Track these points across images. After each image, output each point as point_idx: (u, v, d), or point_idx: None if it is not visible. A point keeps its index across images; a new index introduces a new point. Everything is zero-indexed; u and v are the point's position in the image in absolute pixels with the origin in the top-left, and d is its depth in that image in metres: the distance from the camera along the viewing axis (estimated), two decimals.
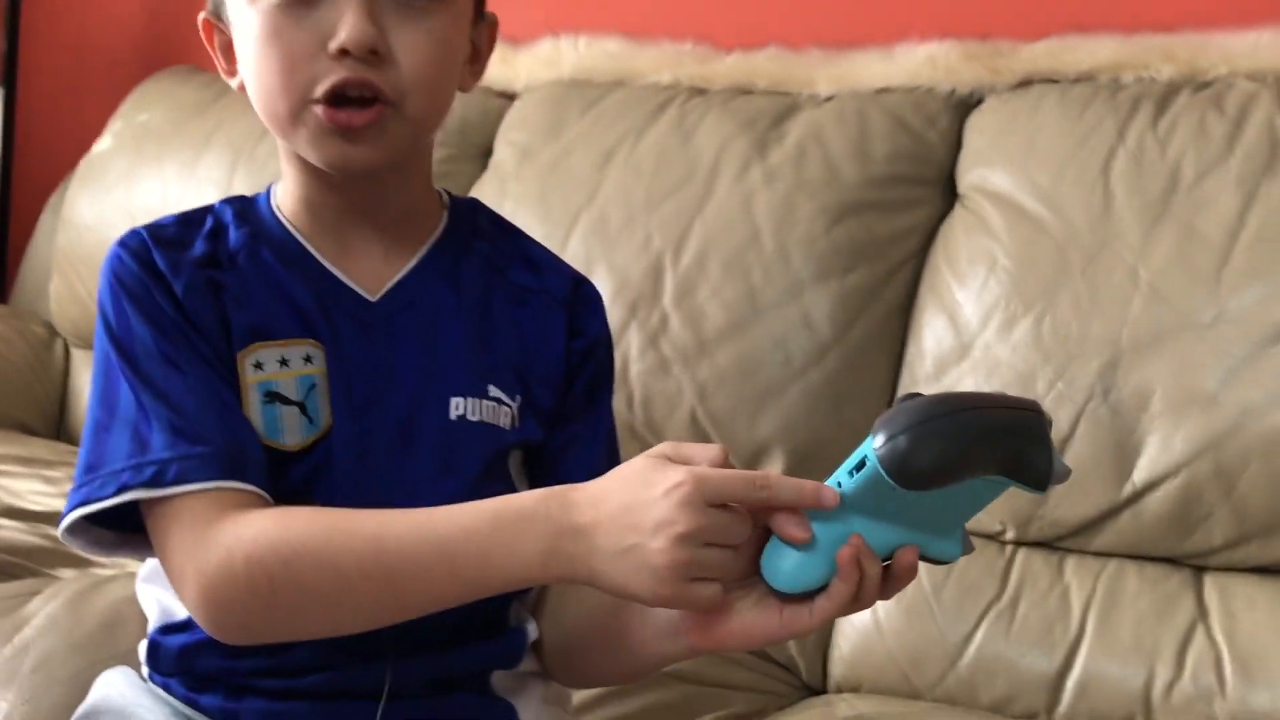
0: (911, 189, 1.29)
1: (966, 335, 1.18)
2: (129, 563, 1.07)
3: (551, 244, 1.37)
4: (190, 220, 0.79)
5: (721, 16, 1.66)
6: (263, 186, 1.70)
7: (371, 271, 0.78)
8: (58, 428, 1.87)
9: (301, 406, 0.74)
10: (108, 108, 2.24)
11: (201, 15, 0.79)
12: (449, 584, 0.65)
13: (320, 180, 0.77)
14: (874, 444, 0.57)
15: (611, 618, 0.73)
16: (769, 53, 1.49)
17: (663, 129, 1.43)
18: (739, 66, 1.50)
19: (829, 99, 1.39)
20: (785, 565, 0.61)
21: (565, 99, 1.54)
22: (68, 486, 1.39)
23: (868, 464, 0.58)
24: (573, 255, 1.38)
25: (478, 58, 0.80)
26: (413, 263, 0.79)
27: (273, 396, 0.74)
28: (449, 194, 0.85)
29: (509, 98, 1.63)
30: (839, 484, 0.60)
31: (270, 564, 0.65)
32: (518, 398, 0.79)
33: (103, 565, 1.20)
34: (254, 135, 1.74)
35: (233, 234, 0.78)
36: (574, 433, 0.82)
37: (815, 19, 1.59)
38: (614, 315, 1.30)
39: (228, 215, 0.79)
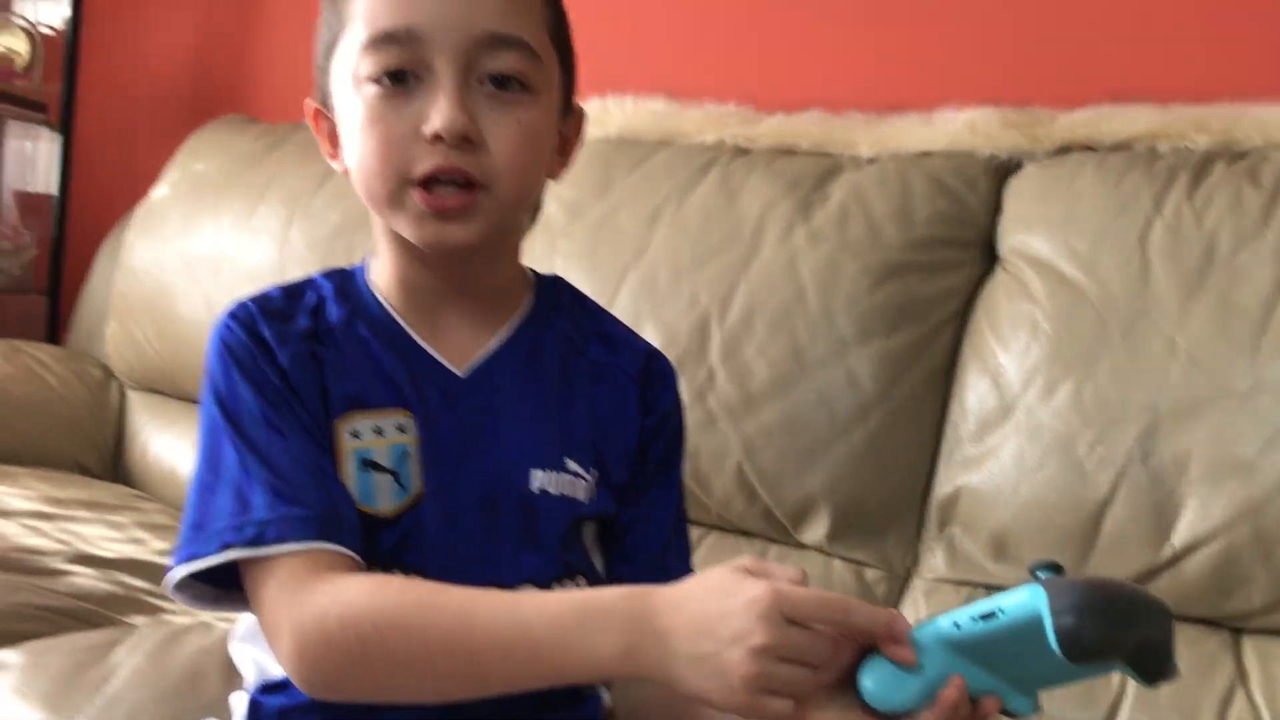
0: (952, 251, 1.33)
1: (1009, 397, 1.21)
2: (203, 613, 1.12)
3: (600, 299, 1.42)
4: (293, 293, 0.84)
5: (764, 79, 1.71)
6: (318, 239, 1.78)
7: (460, 348, 0.82)
8: (114, 468, 1.92)
9: (394, 474, 0.77)
10: (159, 153, 2.30)
11: (310, 103, 0.83)
12: (529, 668, 0.67)
13: (415, 260, 0.80)
14: (1047, 610, 0.60)
15: (684, 708, 0.76)
16: (811, 115, 1.53)
17: (708, 188, 1.47)
18: (781, 127, 1.54)
19: (870, 161, 1.43)
20: (886, 684, 0.64)
21: (613, 157, 1.59)
22: (135, 532, 1.46)
23: (1002, 617, 0.62)
24: (621, 310, 1.41)
25: (566, 148, 0.85)
26: (498, 340, 0.83)
27: (368, 464, 0.77)
28: (534, 271, 0.89)
29: None
30: (956, 624, 0.63)
31: (362, 629, 0.68)
32: (594, 471, 0.82)
33: (174, 613, 1.25)
34: (309, 188, 1.79)
35: (333, 309, 0.81)
36: (645, 506, 0.86)
37: (855, 83, 1.64)
38: None
39: (328, 290, 0.83)
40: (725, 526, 1.38)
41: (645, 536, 0.85)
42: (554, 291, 0.89)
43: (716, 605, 0.62)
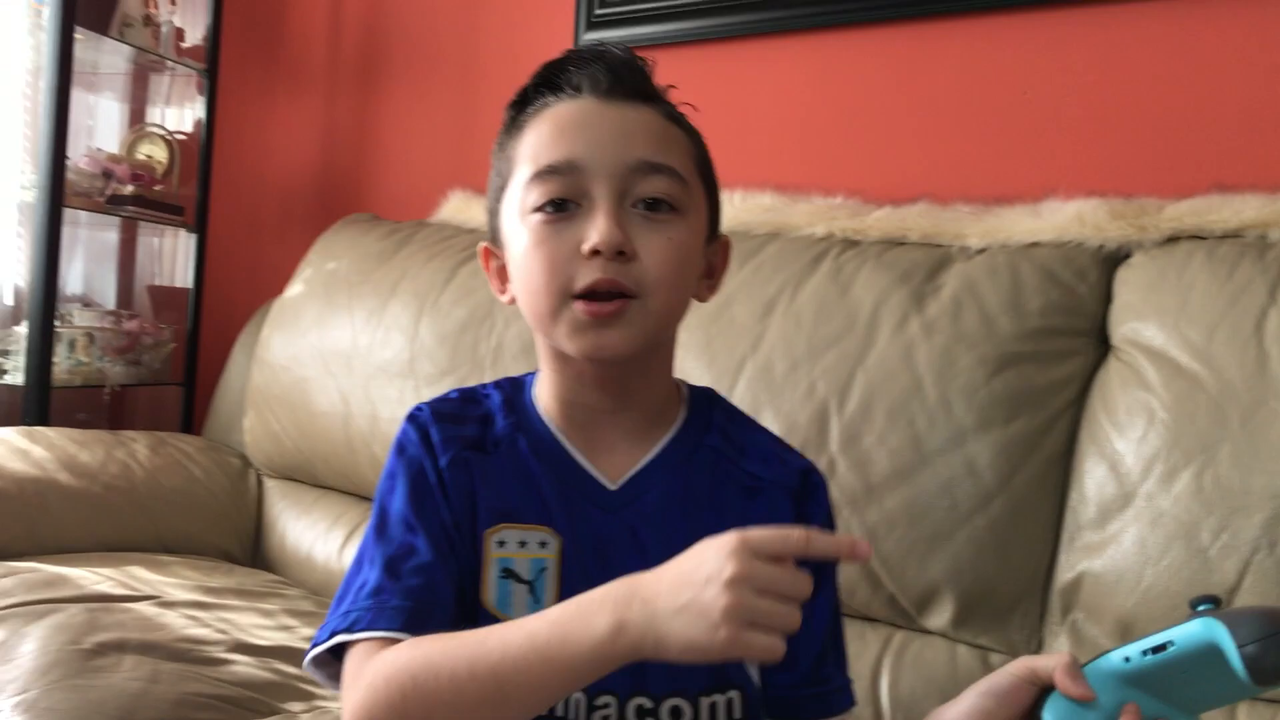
0: (1066, 340, 1.36)
1: (1129, 484, 1.24)
2: None
3: (719, 389, 1.48)
4: (469, 399, 0.92)
5: (870, 172, 1.77)
6: (446, 333, 1.86)
7: (614, 462, 0.88)
8: (254, 555, 2.02)
9: (531, 586, 0.83)
10: (286, 249, 2.44)
11: (481, 244, 0.92)
12: (541, 671, 0.70)
13: (574, 378, 0.87)
14: (1229, 639, 0.69)
15: None
16: (919, 207, 1.58)
17: (820, 280, 1.53)
18: (890, 219, 1.59)
19: (980, 252, 1.47)
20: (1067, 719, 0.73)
21: None
22: (283, 619, 1.54)
23: (1174, 649, 0.71)
24: (740, 401, 1.47)
25: (712, 274, 0.92)
26: (651, 455, 0.88)
27: (508, 573, 0.83)
28: (687, 385, 0.94)
29: None
30: (1126, 659, 0.72)
31: (402, 680, 0.74)
32: None
33: (327, 699, 1.32)
34: (436, 285, 1.89)
35: (499, 420, 0.89)
36: (811, 634, 0.88)
37: (961, 175, 1.69)
38: None
39: (497, 401, 0.91)
40: (849, 613, 1.41)
41: (801, 647, 0.87)
42: (706, 405, 0.94)
43: (691, 560, 0.68)
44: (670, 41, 2.02)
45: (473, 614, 0.84)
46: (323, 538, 1.93)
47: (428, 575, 0.82)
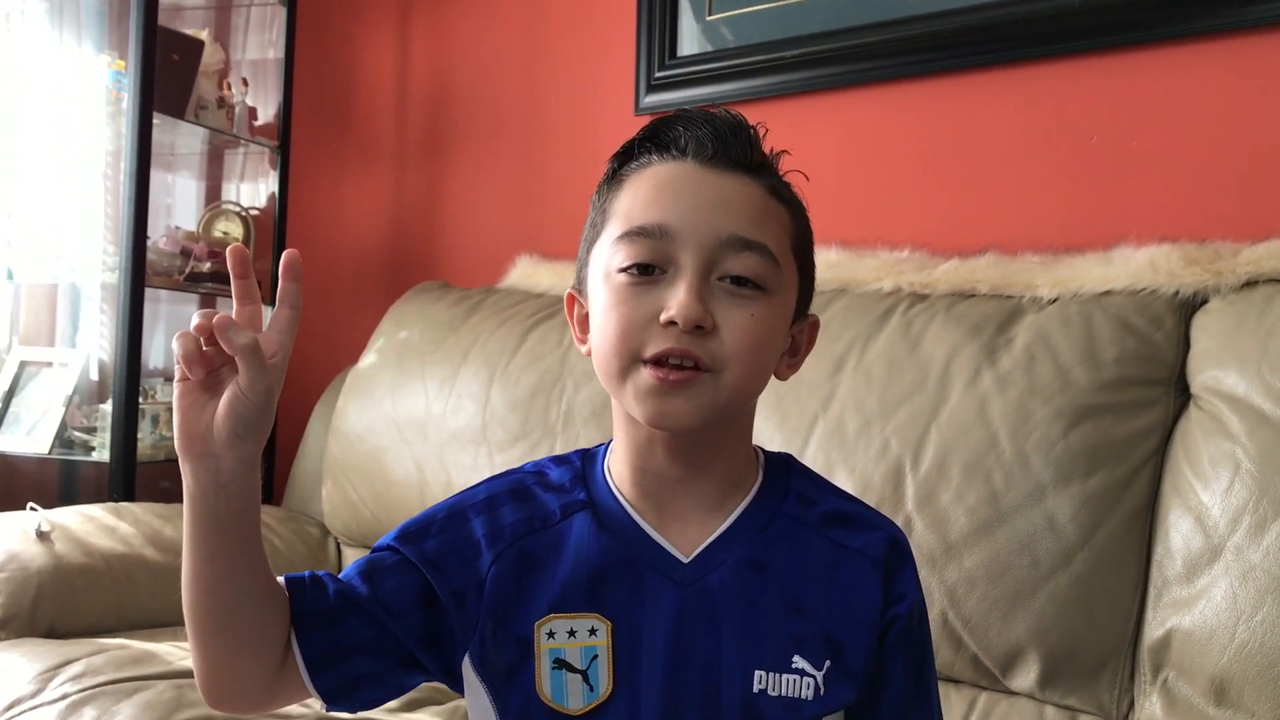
0: (1143, 390, 1.34)
1: (1216, 537, 1.21)
2: None
3: (791, 449, 1.47)
4: (550, 465, 0.91)
5: (936, 225, 1.76)
6: (518, 399, 1.88)
7: (687, 533, 0.84)
8: None
9: (584, 675, 0.81)
10: (359, 319, 2.48)
11: (568, 289, 0.91)
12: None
13: (646, 446, 0.84)
14: None
15: None
16: (987, 259, 1.57)
17: (890, 335, 1.52)
18: (958, 272, 1.58)
19: (1051, 302, 1.46)
20: None
21: None
22: None
23: None
24: (812, 460, 1.47)
25: (795, 352, 0.89)
26: (725, 525, 0.84)
27: (560, 663, 0.81)
28: (763, 452, 0.91)
29: None
30: None
31: None
32: (826, 664, 0.82)
33: None
34: (506, 351, 1.91)
35: (563, 499, 0.87)
36: (881, 688, 0.85)
37: (1029, 225, 1.67)
38: None
39: (568, 475, 0.89)
40: None
41: (886, 712, 0.86)
42: (784, 471, 0.90)
43: None
44: (731, 101, 2.03)
45: (526, 705, 0.82)
46: None
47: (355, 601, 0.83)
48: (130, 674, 1.46)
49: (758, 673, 0.81)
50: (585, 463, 0.90)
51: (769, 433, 1.53)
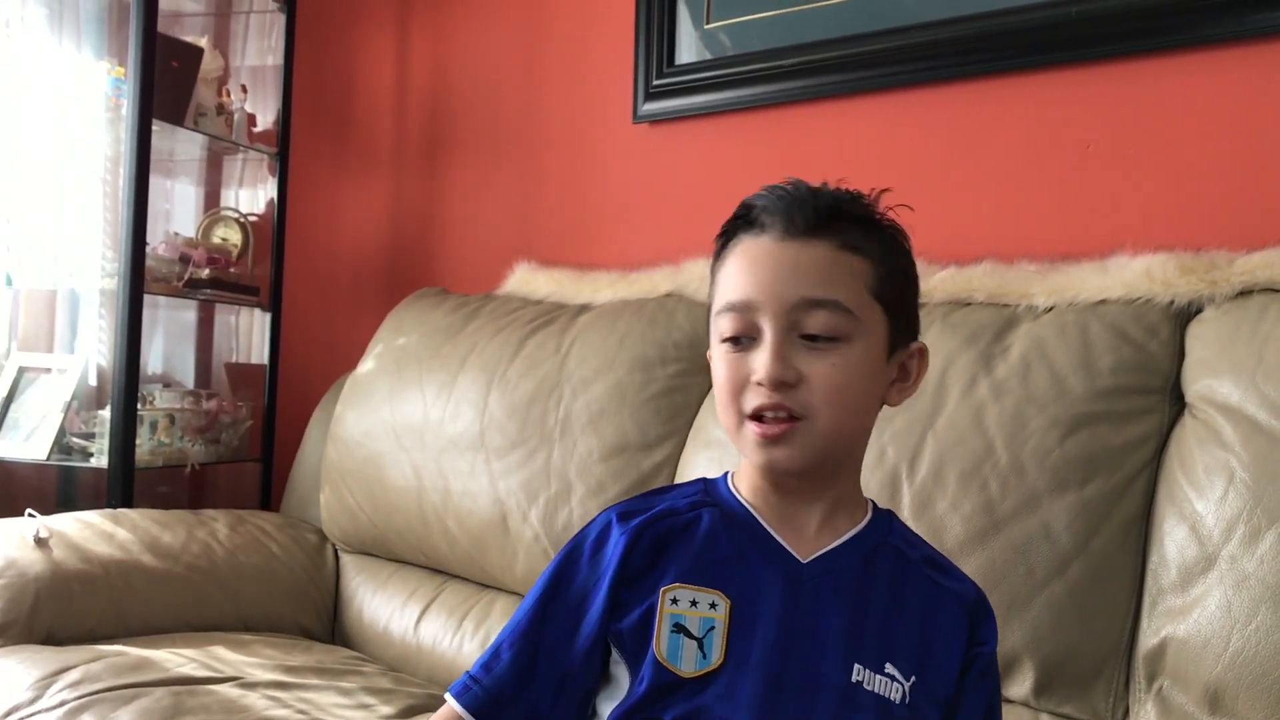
0: (1139, 399, 1.34)
1: (1210, 546, 1.21)
2: None
3: None
4: (655, 492, 1.04)
5: (932, 233, 1.75)
6: (515, 405, 1.88)
7: (803, 542, 0.97)
8: (332, 630, 2.04)
9: (700, 642, 0.91)
10: (356, 324, 2.49)
11: (708, 352, 1.02)
12: None
13: (765, 476, 0.97)
14: None
15: None
16: (983, 267, 1.58)
17: None
18: (954, 280, 1.59)
19: (1048, 310, 1.46)
20: None
21: None
22: (362, 697, 1.55)
23: None
24: None
25: (906, 378, 1.00)
26: (841, 540, 0.97)
27: (679, 628, 0.92)
28: (873, 502, 1.03)
29: None
30: None
31: None
32: (912, 679, 0.92)
33: None
34: (504, 358, 1.91)
35: (689, 501, 1.00)
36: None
37: (1025, 233, 1.68)
38: None
39: (687, 490, 1.02)
40: None
41: None
42: (888, 518, 1.03)
43: None
44: (727, 109, 2.04)
45: (638, 664, 0.93)
46: (399, 612, 1.94)
47: (524, 666, 0.96)
48: (128, 681, 1.47)
49: (856, 666, 0.91)
50: (708, 482, 1.03)
51: None
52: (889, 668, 0.92)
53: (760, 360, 0.92)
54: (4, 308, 2.54)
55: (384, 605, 1.98)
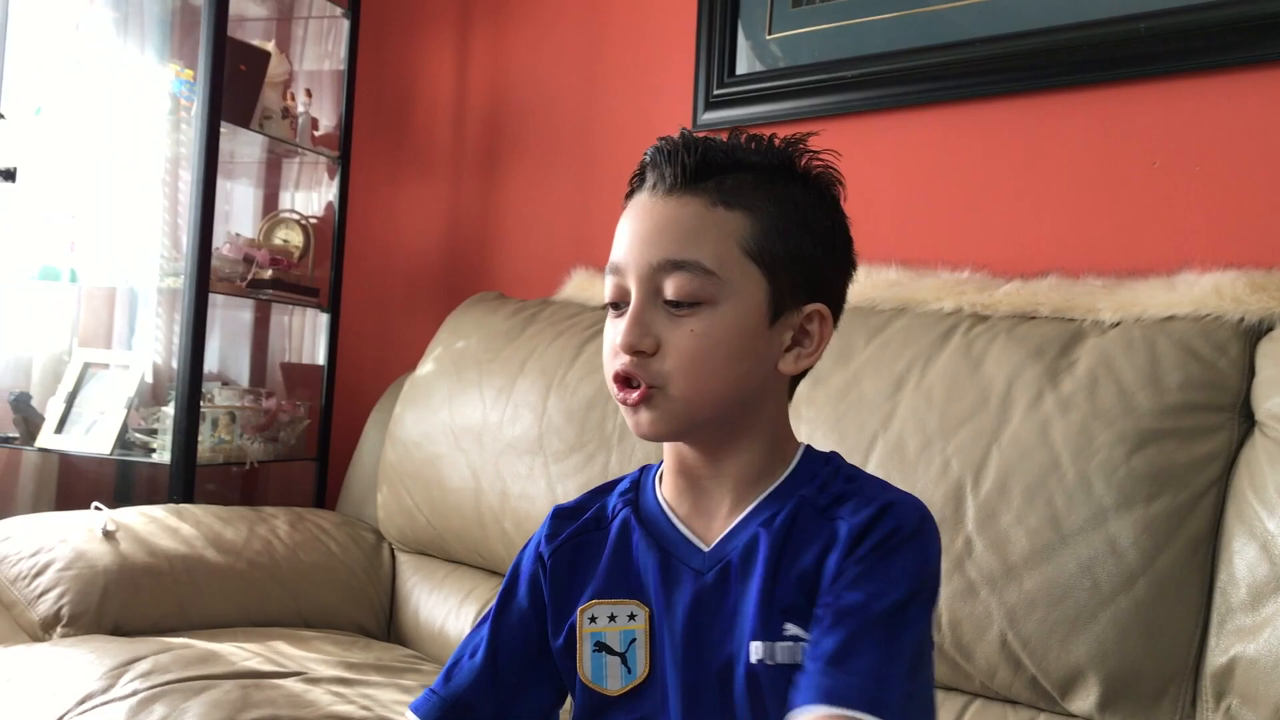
0: (1207, 416, 1.34)
1: None
2: None
3: None
4: (601, 490, 1.00)
5: (996, 246, 1.77)
6: (574, 410, 1.90)
7: (714, 526, 0.91)
8: (388, 628, 2.07)
9: (623, 657, 0.89)
10: (413, 326, 2.51)
11: None
12: None
13: (669, 450, 0.93)
14: None
15: None
16: (1049, 281, 1.57)
17: (951, 355, 1.53)
18: (1019, 294, 1.58)
19: (1114, 326, 1.46)
20: None
21: (850, 326, 1.65)
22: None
23: None
24: None
25: (803, 341, 0.90)
26: (741, 516, 0.90)
27: (601, 646, 0.90)
28: (806, 449, 0.94)
29: None
30: None
31: None
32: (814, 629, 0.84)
33: None
34: (563, 362, 1.93)
35: (616, 501, 0.97)
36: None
37: (1091, 248, 1.68)
38: None
39: (624, 484, 0.99)
40: (989, 695, 1.39)
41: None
42: (820, 464, 0.93)
43: None
44: (791, 119, 2.05)
45: (574, 686, 0.92)
46: (455, 612, 1.96)
47: (478, 670, 0.95)
48: (197, 673, 1.50)
49: (754, 644, 0.85)
50: (643, 473, 0.99)
51: (826, 449, 1.54)
52: (788, 628, 0.84)
53: (622, 327, 0.87)
54: (69, 304, 2.58)
55: (440, 605, 2.00)
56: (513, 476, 1.90)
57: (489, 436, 1.96)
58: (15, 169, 2.34)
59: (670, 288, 0.86)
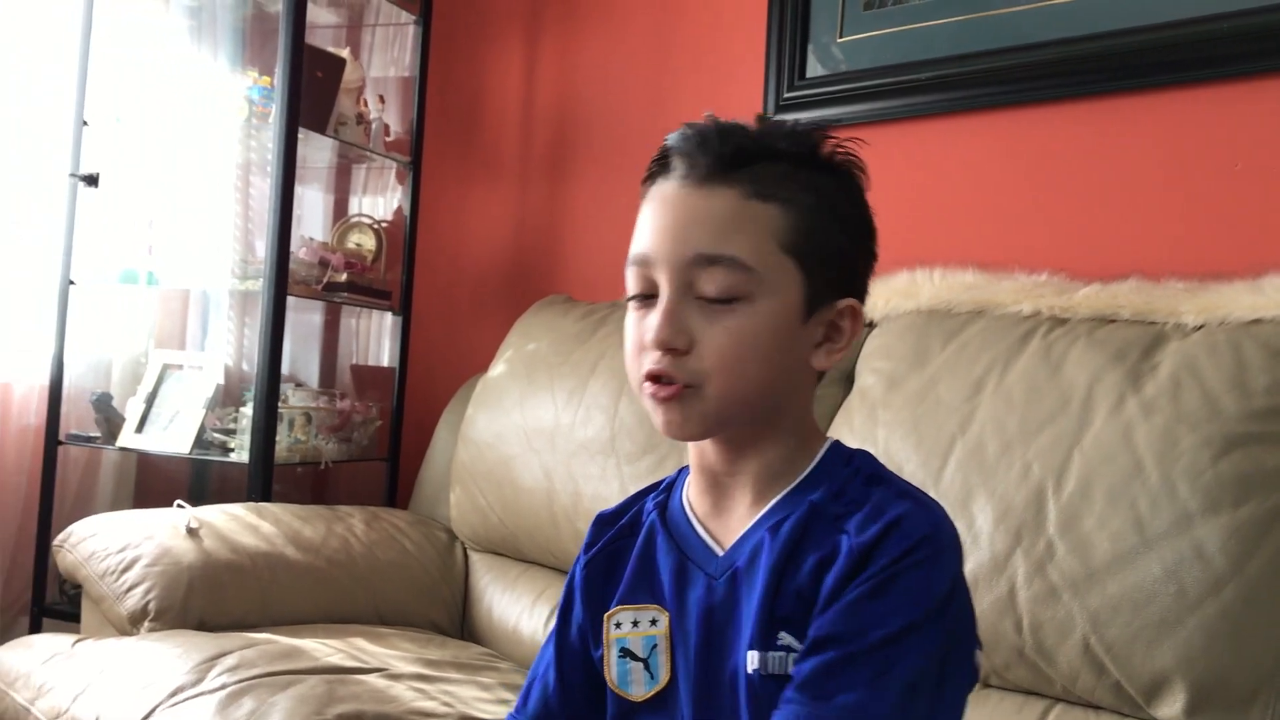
0: None
1: None
2: None
3: (928, 471, 1.48)
4: (643, 492, 0.99)
5: (1074, 249, 1.76)
6: (644, 413, 1.90)
7: (731, 528, 0.88)
8: (462, 626, 2.09)
9: (646, 663, 0.88)
10: (481, 330, 2.54)
11: None
12: None
13: (693, 448, 0.90)
14: None
15: None
16: (1129, 284, 1.56)
17: (1030, 359, 1.52)
18: (1099, 296, 1.57)
19: (1197, 329, 1.45)
20: None
21: (926, 329, 1.65)
22: (500, 692, 1.59)
23: None
24: (949, 482, 1.47)
25: (834, 337, 0.88)
26: (756, 519, 0.87)
27: (625, 652, 0.89)
28: (829, 448, 0.90)
29: (868, 325, 1.77)
30: None
31: None
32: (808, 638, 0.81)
33: None
34: None
35: (650, 504, 0.95)
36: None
37: (1172, 250, 1.66)
38: (997, 542, 1.40)
39: (661, 485, 0.97)
40: (1071, 700, 1.38)
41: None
42: (840, 464, 0.89)
43: None
44: (865, 121, 2.05)
45: (610, 695, 0.91)
46: (528, 611, 1.98)
47: (544, 684, 0.96)
48: (282, 668, 1.53)
49: (751, 654, 0.83)
50: (679, 474, 0.97)
51: (905, 454, 1.54)
52: (782, 638, 0.81)
53: (654, 323, 0.83)
54: (147, 307, 2.64)
55: (513, 604, 2.02)
56: (585, 477, 1.92)
57: (561, 438, 1.97)
58: (98, 175, 2.40)
59: (706, 283, 0.83)
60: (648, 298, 0.85)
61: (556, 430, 1.99)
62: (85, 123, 2.41)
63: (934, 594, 0.79)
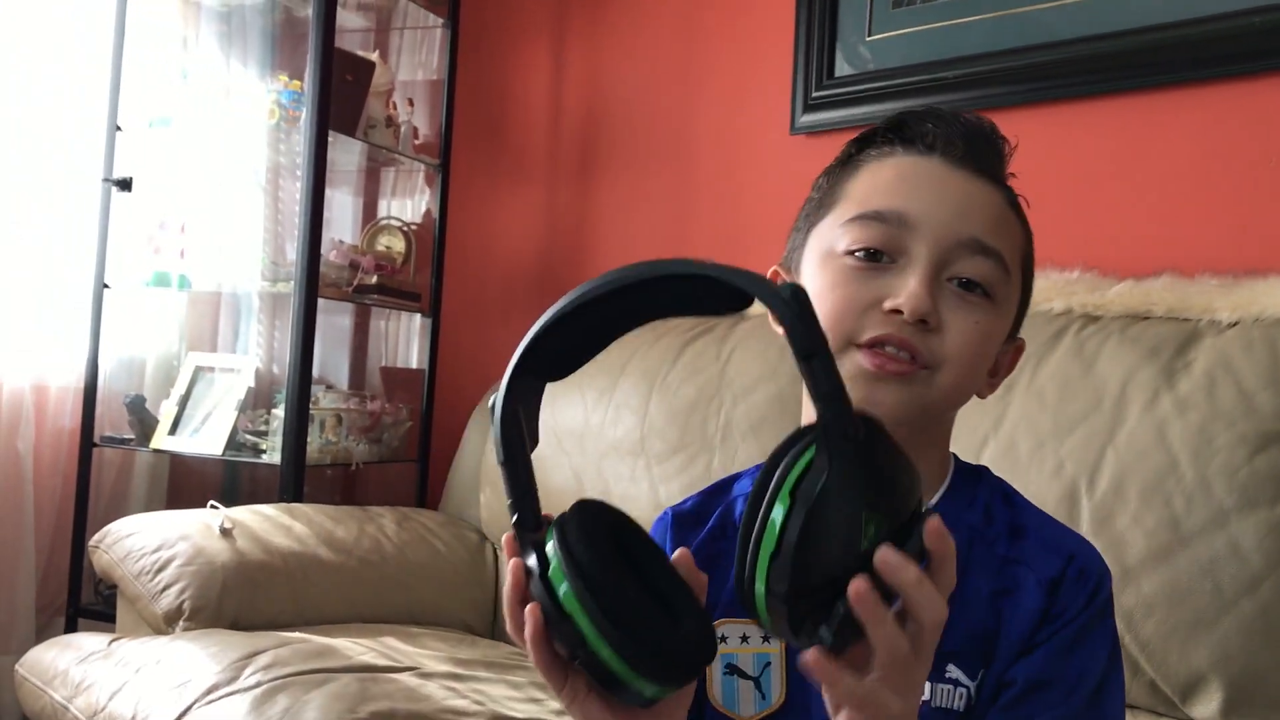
0: None
1: None
2: None
3: None
4: (716, 490, 0.90)
5: (1106, 246, 1.74)
6: (676, 412, 1.91)
7: None
8: (492, 626, 2.10)
9: (756, 682, 0.80)
10: (510, 331, 2.53)
11: (773, 267, 0.88)
12: None
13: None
14: None
15: None
16: (1162, 280, 1.55)
17: (1062, 356, 1.51)
18: (1131, 294, 1.56)
19: (1232, 325, 1.44)
20: None
21: None
22: (531, 691, 1.59)
23: None
24: None
25: (997, 372, 0.85)
26: None
27: (732, 669, 0.81)
28: (957, 460, 0.87)
29: None
30: None
31: None
32: (980, 674, 0.78)
33: None
34: (664, 364, 1.95)
35: (740, 503, 0.86)
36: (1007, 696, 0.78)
37: (1206, 247, 1.65)
38: None
39: (746, 484, 0.87)
40: None
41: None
42: (974, 481, 0.86)
43: None
44: None
45: (703, 707, 0.82)
46: None
47: None
48: (315, 666, 1.54)
49: None
50: (749, 470, 0.90)
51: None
52: (950, 671, 0.77)
53: (905, 287, 0.77)
54: (179, 309, 2.67)
55: None
56: (615, 478, 1.92)
57: (591, 438, 1.98)
58: (131, 179, 2.43)
59: (972, 269, 0.78)
60: (877, 256, 0.79)
61: (586, 431, 2.00)
62: (118, 128, 2.43)
63: (1113, 626, 0.81)
